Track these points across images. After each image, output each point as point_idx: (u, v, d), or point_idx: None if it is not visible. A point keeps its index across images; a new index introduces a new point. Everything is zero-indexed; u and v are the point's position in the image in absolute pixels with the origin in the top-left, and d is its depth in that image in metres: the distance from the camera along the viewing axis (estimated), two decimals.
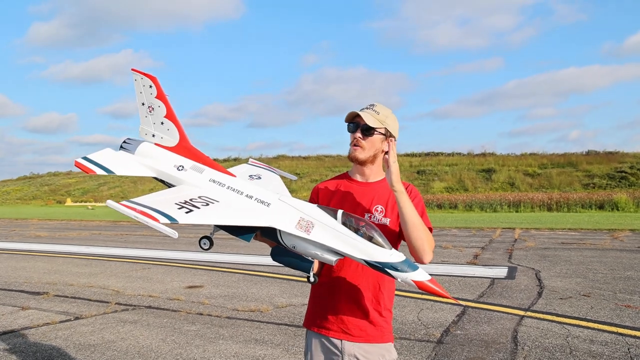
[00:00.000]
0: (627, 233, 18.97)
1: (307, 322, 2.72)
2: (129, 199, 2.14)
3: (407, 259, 2.17)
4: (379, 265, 2.14)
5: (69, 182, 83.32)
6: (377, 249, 2.15)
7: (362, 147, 2.53)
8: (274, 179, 3.06)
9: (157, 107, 2.71)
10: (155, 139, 2.73)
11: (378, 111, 2.53)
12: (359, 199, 2.58)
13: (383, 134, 2.54)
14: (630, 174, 48.69)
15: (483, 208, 39.36)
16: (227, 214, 2.26)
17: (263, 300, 8.11)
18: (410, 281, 2.12)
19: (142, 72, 2.73)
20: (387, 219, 2.53)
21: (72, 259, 13.78)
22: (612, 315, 6.89)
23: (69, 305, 8.02)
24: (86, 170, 2.51)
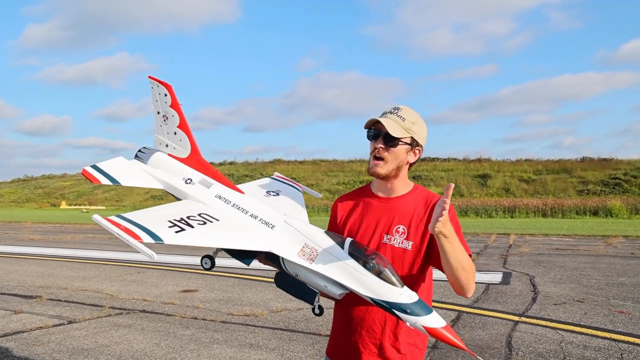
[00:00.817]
0: (620, 239, 19.04)
1: (329, 350, 2.48)
2: (119, 214, 2.09)
3: (420, 299, 1.93)
4: (385, 305, 1.92)
5: (63, 185, 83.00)
6: (385, 286, 1.93)
7: (384, 159, 2.23)
8: (294, 196, 2.84)
9: (171, 117, 2.67)
10: (169, 149, 2.69)
11: (403, 117, 2.22)
12: (379, 218, 2.29)
13: (409, 144, 2.25)
14: (624, 180, 48.94)
15: (478, 213, 39.46)
16: (223, 236, 2.15)
17: (258, 305, 8.10)
18: (421, 327, 1.86)
19: (159, 80, 2.69)
20: (409, 242, 2.22)
21: (65, 262, 13.71)
22: (606, 321, 6.91)
23: (62, 309, 7.98)
24: (92, 179, 2.47)
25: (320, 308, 2.14)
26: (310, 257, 2.04)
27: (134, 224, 2.01)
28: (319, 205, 40.35)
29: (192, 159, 2.63)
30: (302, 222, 2.23)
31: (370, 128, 2.27)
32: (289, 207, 2.62)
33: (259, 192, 2.80)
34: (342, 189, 55.96)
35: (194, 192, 2.47)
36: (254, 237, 2.15)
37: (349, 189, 55.86)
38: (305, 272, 2.06)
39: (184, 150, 2.65)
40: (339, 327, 2.40)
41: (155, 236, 1.97)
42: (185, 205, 2.38)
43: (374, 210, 2.32)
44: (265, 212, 2.28)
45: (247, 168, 67.38)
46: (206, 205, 2.38)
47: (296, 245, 2.09)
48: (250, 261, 2.19)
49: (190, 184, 2.51)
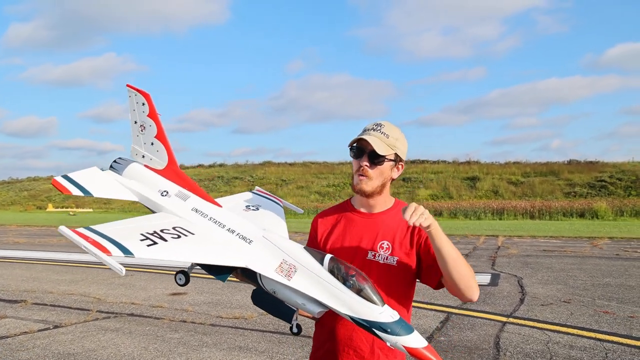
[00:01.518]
0: (606, 241, 19.26)
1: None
2: (89, 226, 1.99)
3: (400, 318, 1.87)
4: (365, 324, 1.85)
5: (49, 188, 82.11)
6: (365, 305, 1.86)
7: (369, 177, 2.20)
8: (274, 210, 2.76)
9: (149, 127, 2.59)
10: (145, 160, 2.61)
11: (387, 133, 2.19)
12: (362, 234, 2.26)
13: (393, 160, 2.24)
14: (609, 183, 49.49)
15: (467, 215, 39.67)
16: (198, 250, 2.07)
17: (247, 308, 8.07)
18: (402, 347, 1.79)
19: (136, 89, 2.62)
20: (394, 257, 2.19)
21: (52, 265, 13.58)
22: (591, 321, 6.98)
23: (47, 313, 7.90)
24: (62, 190, 2.39)
25: (299, 327, 2.05)
26: (288, 273, 1.96)
27: (103, 236, 1.93)
28: (310, 208, 40.28)
29: (169, 170, 2.55)
30: (281, 237, 2.16)
31: (353, 145, 2.24)
32: (268, 221, 2.54)
33: (239, 207, 2.72)
34: (332, 191, 55.99)
35: (169, 205, 2.39)
36: (230, 252, 2.08)
37: (339, 191, 55.92)
38: (283, 289, 1.98)
39: (161, 162, 2.57)
40: (323, 345, 2.31)
41: (126, 250, 1.89)
42: (160, 218, 2.30)
43: (357, 226, 2.29)
44: (243, 227, 2.21)
45: (237, 170, 67.19)
46: (182, 218, 2.30)
47: (274, 261, 2.01)
48: (225, 277, 2.10)
49: (166, 197, 2.44)
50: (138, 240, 1.97)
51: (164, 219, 2.27)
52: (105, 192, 2.50)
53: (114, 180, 2.57)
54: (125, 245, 1.91)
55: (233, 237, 2.16)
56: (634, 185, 48.01)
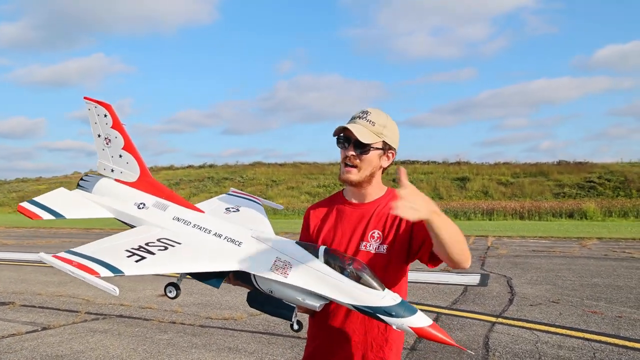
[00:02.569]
0: (594, 241, 19.42)
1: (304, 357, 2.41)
2: (70, 249, 1.91)
3: (403, 300, 1.86)
4: (369, 310, 1.83)
5: (38, 189, 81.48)
6: (366, 291, 1.84)
7: (356, 166, 2.14)
8: (254, 209, 2.71)
9: (114, 138, 2.49)
10: (115, 174, 2.51)
11: (373, 121, 2.13)
12: (353, 224, 2.22)
13: (380, 149, 2.16)
14: (598, 184, 49.92)
15: (457, 216, 39.85)
16: (187, 260, 2.01)
17: (237, 308, 8.05)
18: (408, 328, 1.79)
19: (95, 100, 2.53)
20: (384, 246, 2.15)
21: (40, 267, 13.46)
22: (580, 321, 7.04)
23: (36, 315, 7.83)
24: (30, 216, 2.28)
25: (299, 323, 2.02)
26: (283, 270, 1.93)
27: (88, 258, 1.86)
28: (300, 209, 40.26)
29: (142, 181, 2.46)
30: (271, 235, 2.13)
31: (339, 135, 2.18)
32: (252, 221, 2.48)
33: (219, 210, 2.65)
34: (323, 191, 56.00)
35: (148, 217, 2.31)
36: (220, 258, 2.02)
37: (329, 191, 55.91)
38: (280, 287, 1.95)
39: (132, 174, 2.48)
40: (317, 339, 2.31)
41: (115, 269, 1.83)
42: (142, 231, 2.21)
43: (348, 217, 2.25)
44: (230, 229, 2.15)
45: (227, 171, 66.99)
46: (164, 229, 2.23)
47: (267, 260, 1.97)
48: (219, 283, 2.07)
49: (143, 209, 2.35)
50: (125, 257, 1.92)
51: (147, 232, 2.19)
52: (78, 213, 2.42)
53: (85, 199, 2.47)
54: (112, 264, 1.85)
55: (221, 241, 2.11)
56: (622, 186, 48.47)
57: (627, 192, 46.86)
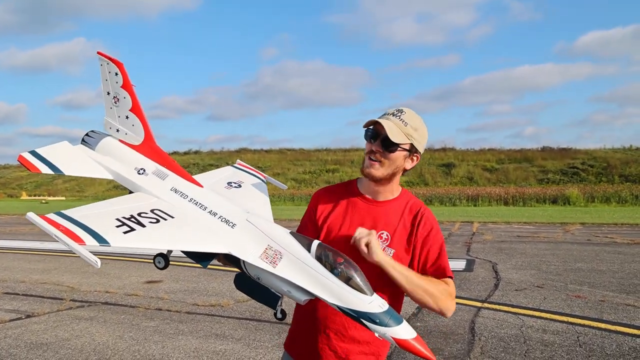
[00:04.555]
0: (577, 226, 19.70)
1: (289, 345, 2.37)
2: (60, 211, 1.83)
3: (390, 308, 1.80)
4: (353, 314, 1.79)
5: (20, 175, 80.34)
6: (353, 294, 1.79)
7: (381, 162, 2.11)
8: (257, 187, 2.64)
9: (123, 99, 2.40)
10: (120, 135, 2.43)
11: (406, 121, 2.09)
12: (363, 220, 2.18)
13: (407, 150, 2.12)
14: (581, 169, 50.56)
15: (443, 202, 40.13)
16: (177, 236, 1.95)
17: (224, 295, 8.03)
18: (390, 337, 1.75)
19: (109, 57, 2.43)
20: (391, 250, 2.14)
21: (24, 254, 13.31)
22: (564, 305, 7.13)
23: (20, 303, 7.74)
24: (29, 167, 2.19)
25: (283, 313, 1.99)
26: (273, 260, 1.87)
27: (75, 223, 1.78)
28: (286, 195, 40.26)
29: (146, 146, 2.39)
30: (266, 220, 2.06)
31: (368, 127, 2.14)
32: (251, 201, 2.41)
33: (220, 184, 2.59)
34: (309, 177, 56.00)
35: (147, 184, 2.24)
36: (211, 238, 1.97)
37: (315, 177, 55.93)
38: (268, 275, 1.90)
39: (137, 137, 2.41)
40: (302, 325, 2.29)
41: (101, 238, 1.74)
42: (137, 199, 2.15)
43: (359, 211, 2.21)
44: (226, 209, 2.09)
45: (212, 157, 66.67)
46: (160, 199, 2.17)
47: (258, 247, 1.92)
48: (207, 263, 2.01)
49: (143, 175, 2.29)
50: (114, 227, 1.83)
51: (142, 201, 2.13)
52: (78, 170, 2.32)
53: (86, 156, 2.39)
54: (99, 233, 1.76)
55: (215, 220, 2.05)
56: (604, 172, 49.14)
57: (609, 177, 47.54)
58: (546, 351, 5.25)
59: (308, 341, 2.22)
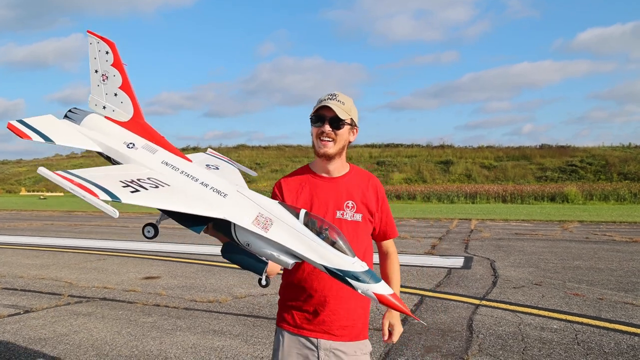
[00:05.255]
0: (576, 224, 19.72)
1: (281, 322, 2.57)
2: (67, 170, 1.91)
3: (369, 269, 2.02)
4: (339, 273, 1.98)
5: (19, 171, 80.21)
6: (339, 255, 1.99)
7: (333, 140, 2.43)
8: (232, 172, 2.79)
9: (112, 77, 2.45)
10: (106, 112, 2.47)
11: (342, 101, 2.43)
12: (328, 196, 2.48)
13: (350, 124, 2.47)
14: (580, 167, 50.58)
15: (441, 199, 40.15)
16: (178, 200, 2.03)
17: (221, 291, 8.03)
18: (372, 293, 1.97)
19: (99, 36, 2.47)
20: (359, 214, 2.48)
21: (22, 250, 13.29)
22: (562, 303, 7.14)
23: (18, 298, 7.73)
24: (20, 134, 2.21)
25: (267, 279, 2.15)
26: (264, 226, 2.03)
27: (86, 180, 1.86)
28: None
29: (134, 123, 2.43)
30: (255, 193, 2.19)
31: (316, 113, 2.44)
32: (233, 180, 2.51)
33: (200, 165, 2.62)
34: None
35: (138, 157, 2.30)
36: (208, 205, 2.06)
37: None
38: (259, 241, 2.04)
39: (125, 114, 2.44)
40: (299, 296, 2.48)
41: (112, 194, 1.83)
42: (132, 168, 2.21)
43: (322, 189, 2.50)
44: (216, 181, 2.20)
45: None
46: (153, 170, 2.23)
47: (250, 214, 2.05)
48: (200, 229, 2.11)
49: (132, 148, 2.33)
50: (121, 187, 1.92)
51: (137, 170, 2.19)
52: (67, 140, 2.33)
53: (74, 129, 2.41)
54: (110, 190, 1.85)
55: (207, 190, 2.15)
56: (603, 169, 49.18)
57: (608, 175, 47.58)
58: (544, 349, 5.26)
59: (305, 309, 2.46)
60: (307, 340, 2.46)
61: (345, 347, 2.45)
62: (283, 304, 2.58)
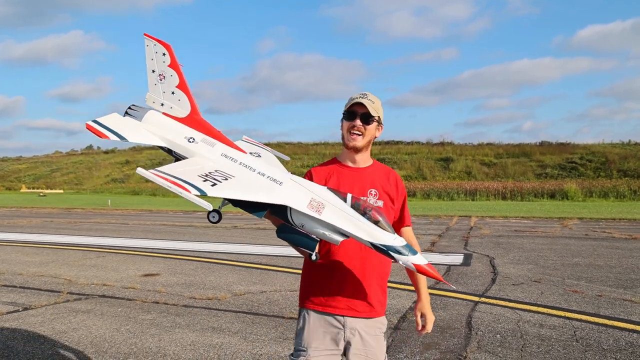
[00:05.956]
0: (575, 221, 19.73)
1: (306, 302, 2.73)
2: (157, 169, 2.09)
3: (407, 244, 2.30)
4: (384, 247, 2.26)
5: (19, 168, 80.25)
6: (382, 233, 2.26)
7: (362, 134, 2.68)
8: (271, 158, 3.03)
9: (170, 77, 2.64)
10: (164, 108, 2.65)
11: (372, 100, 2.67)
12: (354, 184, 2.72)
13: (377, 122, 2.73)
14: (580, 164, 50.55)
15: (441, 196, 40.17)
16: (246, 190, 2.27)
17: (221, 288, 8.03)
18: (411, 264, 2.25)
19: (156, 39, 2.65)
20: (381, 201, 2.72)
21: (21, 247, 13.29)
22: (561, 300, 7.14)
23: (17, 295, 7.73)
24: (99, 134, 2.40)
25: (317, 255, 2.42)
26: (317, 209, 2.28)
27: (176, 177, 2.08)
28: None
29: (192, 119, 2.61)
30: (305, 180, 2.46)
31: (349, 110, 2.69)
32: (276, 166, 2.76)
33: None
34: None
35: (200, 150, 2.50)
36: (269, 192, 2.30)
37: None
38: (312, 222, 2.29)
39: (183, 110, 2.62)
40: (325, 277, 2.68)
41: (199, 189, 2.05)
42: (199, 162, 2.40)
43: (347, 177, 2.74)
44: (271, 170, 2.43)
45: None
46: (216, 163, 2.43)
47: (305, 199, 2.30)
48: (262, 214, 2.34)
49: (193, 143, 2.52)
50: (202, 181, 2.13)
51: (204, 163, 2.39)
52: (137, 138, 2.51)
53: (138, 126, 2.58)
54: (197, 185, 2.07)
55: (265, 179, 2.38)
56: (603, 166, 49.16)
57: (607, 172, 47.56)
58: (543, 346, 5.26)
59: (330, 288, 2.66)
60: (334, 319, 2.65)
61: (367, 325, 2.68)
62: (307, 285, 2.76)
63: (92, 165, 76.44)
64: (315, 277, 2.72)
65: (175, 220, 21.85)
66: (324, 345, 2.64)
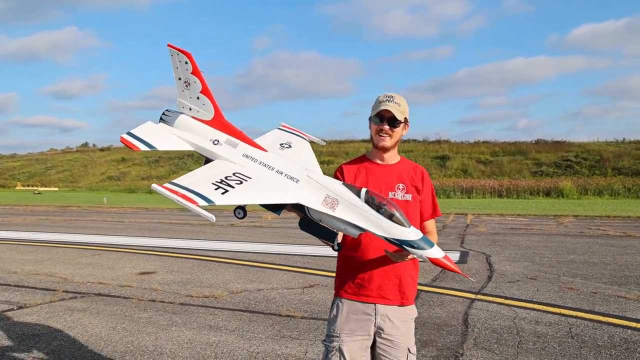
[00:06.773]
0: (570, 219, 19.80)
1: (340, 291, 2.88)
2: (172, 181, 2.26)
3: (424, 236, 2.34)
4: (397, 242, 2.31)
5: (13, 166, 79.90)
6: (396, 227, 2.31)
7: (390, 136, 2.84)
8: (303, 146, 3.14)
9: (193, 83, 2.80)
10: (192, 113, 2.85)
11: (399, 103, 2.82)
12: (382, 179, 2.88)
13: (403, 123, 2.89)
14: (575, 162, 50.73)
15: (437, 194, 39.68)
16: (259, 193, 2.40)
17: (218, 286, 8.02)
18: (426, 257, 2.29)
19: (178, 48, 2.80)
20: (409, 195, 2.87)
21: (16, 245, 13.23)
22: (556, 297, 7.16)
23: (11, 294, 7.70)
24: (131, 147, 2.60)
25: (339, 245, 2.56)
26: (332, 205, 2.37)
27: (187, 189, 2.22)
28: None
29: (216, 121, 2.80)
30: (322, 175, 2.54)
31: (377, 113, 2.84)
32: (303, 159, 2.91)
33: (274, 145, 3.02)
34: None
35: (223, 153, 2.67)
36: (284, 192, 2.42)
37: None
38: (328, 218, 2.39)
39: (208, 114, 2.81)
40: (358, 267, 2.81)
41: (207, 199, 2.19)
42: (220, 166, 2.58)
43: (376, 173, 2.91)
44: (289, 168, 2.55)
45: None
46: (236, 164, 2.60)
47: (319, 196, 2.40)
48: (280, 211, 2.48)
49: (217, 145, 2.71)
50: (213, 190, 2.28)
51: (224, 167, 2.56)
52: (167, 145, 2.73)
53: (169, 133, 2.81)
54: (206, 195, 2.21)
55: (282, 177, 2.51)
56: (597, 164, 49.35)
57: (602, 170, 47.75)
58: (539, 342, 5.28)
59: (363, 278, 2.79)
60: (366, 306, 2.79)
61: (398, 312, 2.81)
62: (341, 274, 2.90)
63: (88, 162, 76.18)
64: (348, 267, 2.86)
65: (172, 218, 21.80)
66: (355, 331, 2.77)
